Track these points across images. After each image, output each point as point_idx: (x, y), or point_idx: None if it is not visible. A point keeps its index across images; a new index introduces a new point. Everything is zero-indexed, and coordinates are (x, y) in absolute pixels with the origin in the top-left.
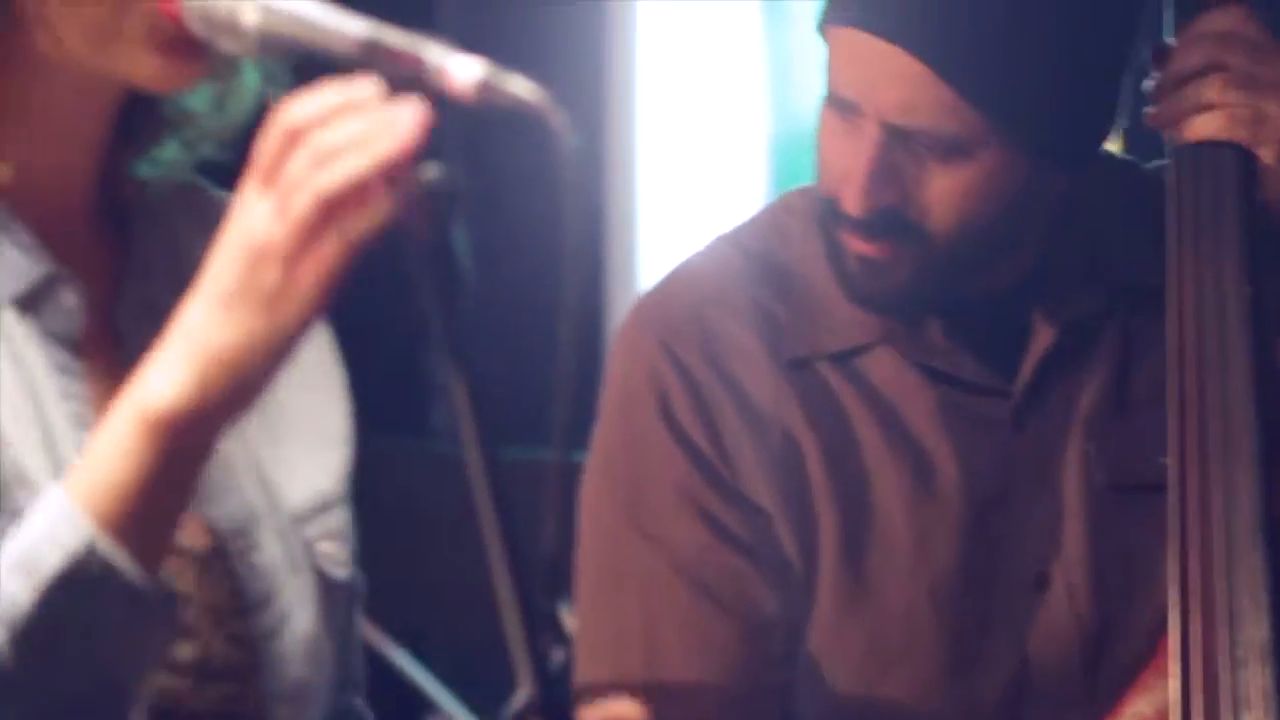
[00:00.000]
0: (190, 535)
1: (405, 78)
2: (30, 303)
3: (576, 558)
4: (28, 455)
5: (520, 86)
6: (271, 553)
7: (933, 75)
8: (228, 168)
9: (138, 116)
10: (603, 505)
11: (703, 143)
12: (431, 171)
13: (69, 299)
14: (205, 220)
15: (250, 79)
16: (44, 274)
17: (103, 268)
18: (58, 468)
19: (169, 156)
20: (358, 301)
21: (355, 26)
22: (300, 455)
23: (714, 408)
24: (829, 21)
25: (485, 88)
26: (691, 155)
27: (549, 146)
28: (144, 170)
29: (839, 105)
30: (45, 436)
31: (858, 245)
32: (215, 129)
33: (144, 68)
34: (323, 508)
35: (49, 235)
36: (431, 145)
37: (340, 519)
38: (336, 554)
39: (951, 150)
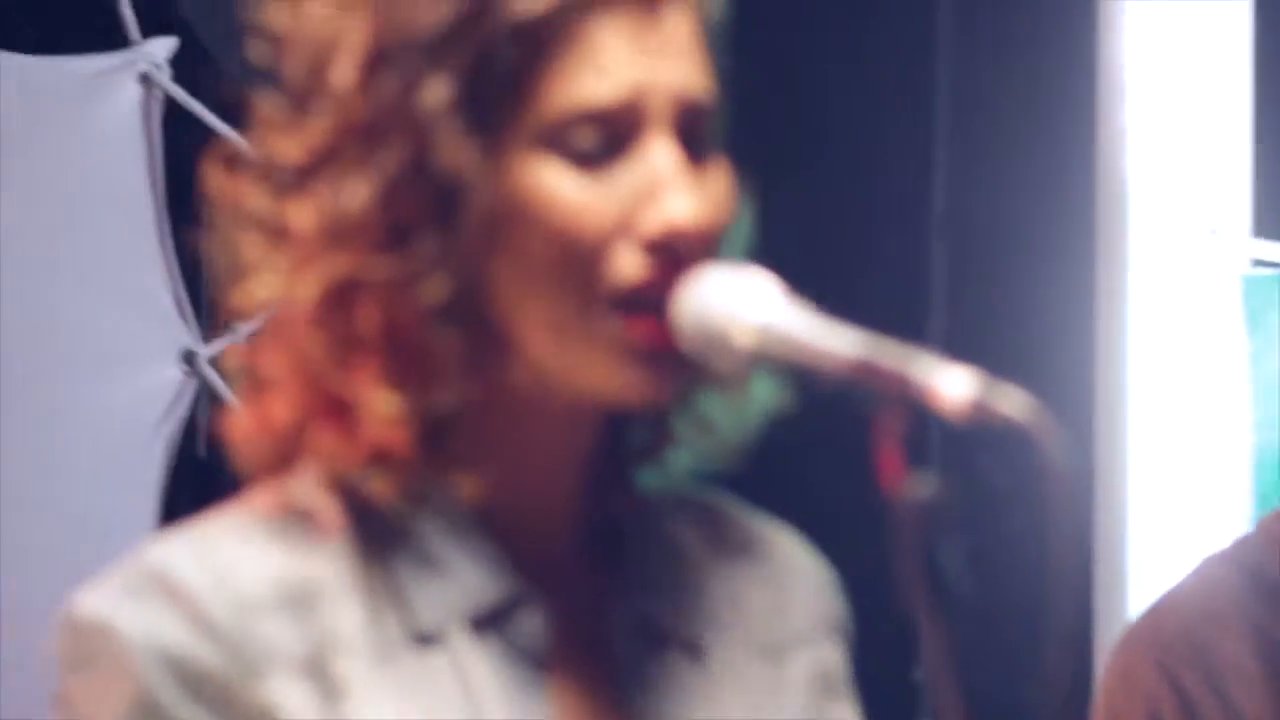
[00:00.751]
0: None
1: (896, 394)
2: (487, 621)
3: None
4: None
5: (1013, 403)
6: None
7: None
8: None
9: (643, 427)
10: None
11: (1187, 458)
12: (921, 485)
13: (534, 619)
14: (713, 535)
15: (762, 388)
16: (505, 594)
17: (587, 581)
18: None
19: (678, 467)
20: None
21: (846, 344)
22: None
23: None
24: None
25: (976, 405)
26: (1177, 471)
27: (1040, 459)
28: (647, 480)
29: None
30: None
31: None
32: (730, 439)
33: (624, 386)
34: None
35: (524, 551)
36: (920, 456)
37: None
38: None
39: None
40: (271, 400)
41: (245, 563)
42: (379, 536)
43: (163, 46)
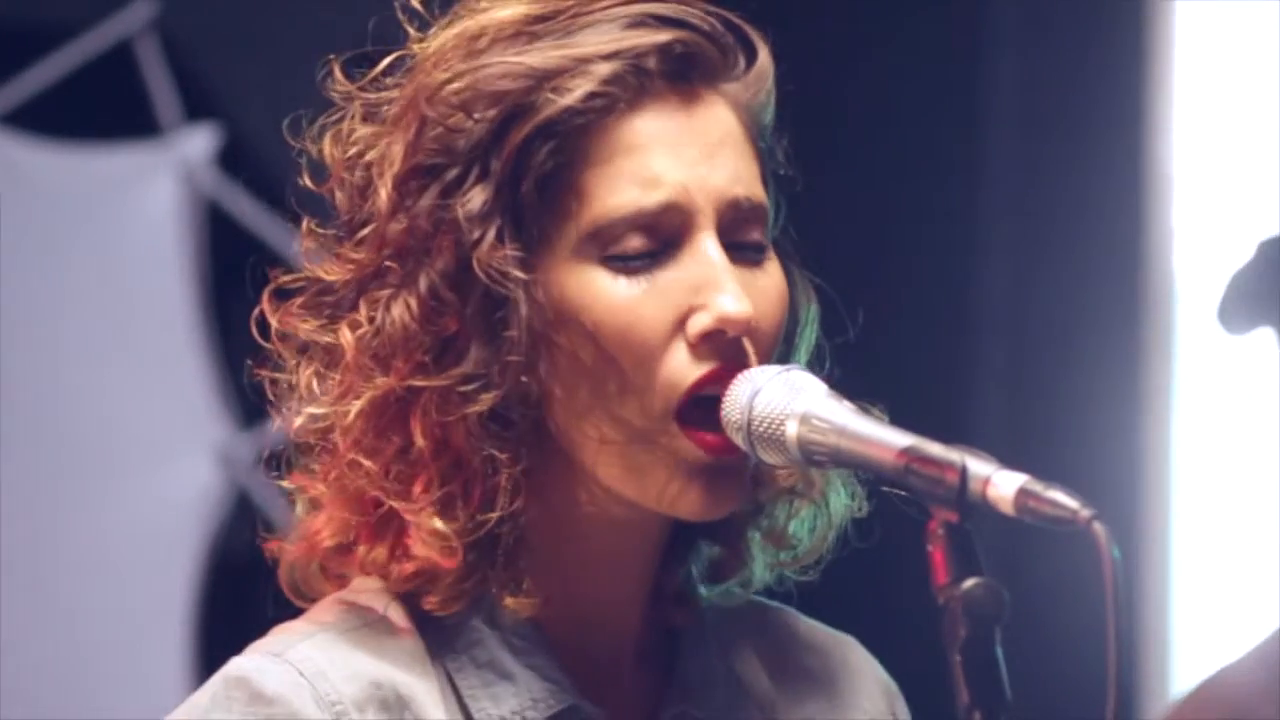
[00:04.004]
0: None
1: (944, 489)
2: None
3: None
4: None
5: (1060, 500)
6: None
7: None
8: None
9: (717, 545)
10: None
11: (1234, 550)
12: (974, 585)
13: None
14: (774, 644)
15: (837, 502)
16: (565, 704)
17: (641, 687)
18: None
19: (756, 581)
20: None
21: (896, 437)
22: None
23: None
24: None
25: (1024, 499)
26: (1223, 563)
27: (1086, 556)
28: (709, 592)
29: None
30: None
31: None
32: (807, 553)
33: (686, 499)
34: None
35: (582, 657)
36: (972, 555)
37: None
38: None
39: None
40: (319, 522)
41: (333, 668)
42: (445, 643)
43: (202, 140)
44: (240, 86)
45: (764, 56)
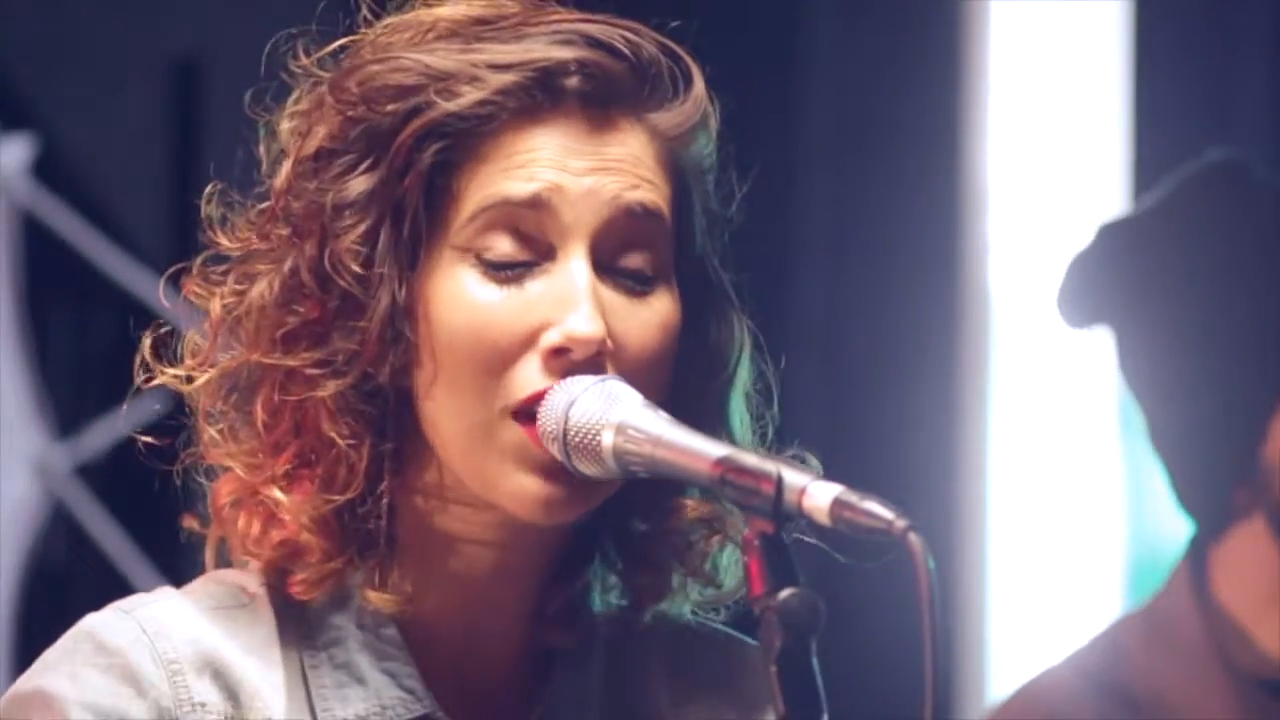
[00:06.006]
0: None
1: (760, 499)
2: None
3: None
4: None
5: (875, 510)
6: None
7: None
8: None
9: (642, 576)
10: None
11: (1056, 561)
12: (790, 595)
13: None
14: (683, 657)
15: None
16: (411, 717)
17: (511, 706)
18: None
19: (676, 612)
20: None
21: (711, 448)
22: None
23: None
24: None
25: (840, 510)
26: (1043, 573)
27: (902, 566)
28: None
29: None
30: None
31: None
32: (731, 589)
33: (523, 495)
34: None
35: (450, 669)
36: (788, 566)
37: None
38: None
39: None
40: (216, 485)
41: (177, 630)
42: (306, 636)
43: (16, 151)
44: (55, 97)
45: (699, 87)
